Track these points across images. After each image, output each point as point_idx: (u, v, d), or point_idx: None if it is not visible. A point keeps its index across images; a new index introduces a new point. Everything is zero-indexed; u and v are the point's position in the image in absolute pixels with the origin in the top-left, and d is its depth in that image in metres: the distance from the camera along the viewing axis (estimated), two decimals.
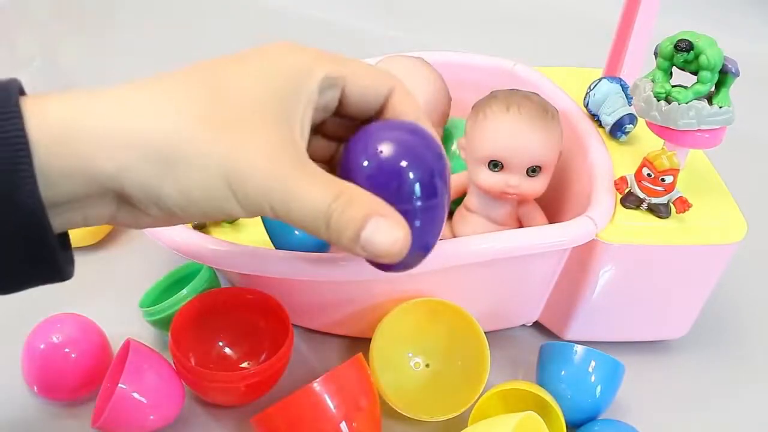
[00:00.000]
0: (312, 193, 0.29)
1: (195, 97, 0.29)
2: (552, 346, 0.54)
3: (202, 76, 0.30)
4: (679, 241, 0.52)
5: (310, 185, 0.29)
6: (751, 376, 0.61)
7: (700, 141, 0.52)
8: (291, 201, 0.29)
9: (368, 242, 0.30)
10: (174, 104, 0.28)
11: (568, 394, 0.52)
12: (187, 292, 0.54)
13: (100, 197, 0.29)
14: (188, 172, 0.28)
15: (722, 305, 0.66)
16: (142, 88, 0.29)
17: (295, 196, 0.29)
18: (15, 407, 0.53)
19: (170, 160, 0.28)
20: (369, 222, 0.29)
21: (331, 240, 0.30)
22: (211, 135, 0.28)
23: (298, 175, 0.29)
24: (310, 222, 0.29)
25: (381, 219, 0.30)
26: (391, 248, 0.30)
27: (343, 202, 0.29)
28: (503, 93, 0.55)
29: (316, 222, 0.29)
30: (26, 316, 0.54)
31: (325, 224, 0.29)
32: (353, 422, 0.45)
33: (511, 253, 0.51)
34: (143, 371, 0.48)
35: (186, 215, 0.30)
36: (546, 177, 0.55)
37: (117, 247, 0.68)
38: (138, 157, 0.27)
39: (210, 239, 0.49)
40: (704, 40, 0.49)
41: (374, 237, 0.30)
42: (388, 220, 0.30)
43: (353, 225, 0.29)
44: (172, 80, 0.29)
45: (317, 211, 0.29)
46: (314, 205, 0.29)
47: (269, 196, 0.29)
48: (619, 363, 0.53)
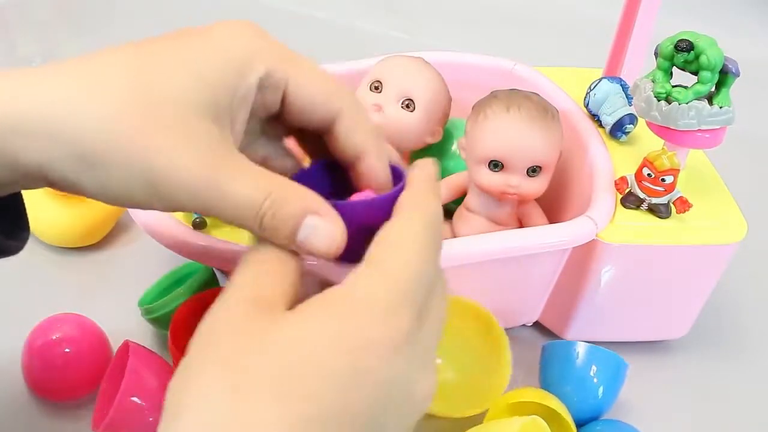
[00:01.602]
0: (241, 194, 0.28)
1: (120, 89, 0.27)
2: (555, 345, 0.54)
3: (133, 62, 0.28)
4: (679, 241, 0.52)
5: (240, 185, 0.28)
6: (751, 376, 0.61)
7: (700, 141, 0.52)
8: (220, 202, 0.28)
9: (304, 244, 0.29)
10: (99, 97, 0.27)
11: (572, 394, 0.52)
12: (185, 289, 0.54)
13: (30, 180, 0.28)
14: (109, 173, 0.27)
15: (722, 305, 0.66)
16: (70, 75, 0.28)
17: (223, 197, 0.27)
18: (15, 407, 0.53)
19: (91, 160, 0.27)
20: (304, 223, 0.28)
21: (266, 237, 0.29)
22: (133, 134, 0.27)
23: (226, 175, 0.28)
24: (242, 222, 0.28)
25: (316, 218, 0.28)
26: (329, 249, 0.29)
27: (274, 201, 0.28)
28: (503, 93, 0.55)
29: (247, 223, 0.28)
30: (26, 316, 0.54)
31: (258, 226, 0.28)
32: None
33: (512, 253, 0.51)
34: (143, 374, 0.48)
35: (113, 203, 0.29)
36: (546, 177, 0.55)
37: (117, 247, 0.67)
38: (60, 155, 0.27)
39: (210, 239, 0.49)
40: (704, 40, 0.49)
41: (310, 240, 0.29)
42: (323, 218, 0.29)
43: (287, 226, 0.28)
44: (101, 65, 0.28)
45: (248, 211, 0.28)
46: (245, 205, 0.28)
47: (196, 198, 0.27)
48: (622, 361, 0.53)
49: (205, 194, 0.27)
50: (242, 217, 0.28)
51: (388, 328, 0.26)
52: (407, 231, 0.28)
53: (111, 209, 0.66)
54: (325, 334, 0.25)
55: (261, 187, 0.28)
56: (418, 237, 0.28)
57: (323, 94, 0.31)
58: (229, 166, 0.28)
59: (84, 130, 0.26)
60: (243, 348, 0.25)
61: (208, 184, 0.27)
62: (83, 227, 0.64)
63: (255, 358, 0.24)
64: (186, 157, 0.27)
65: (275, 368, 0.24)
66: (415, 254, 0.28)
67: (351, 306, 0.26)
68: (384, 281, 0.27)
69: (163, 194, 0.27)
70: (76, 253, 0.66)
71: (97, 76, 0.27)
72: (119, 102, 0.27)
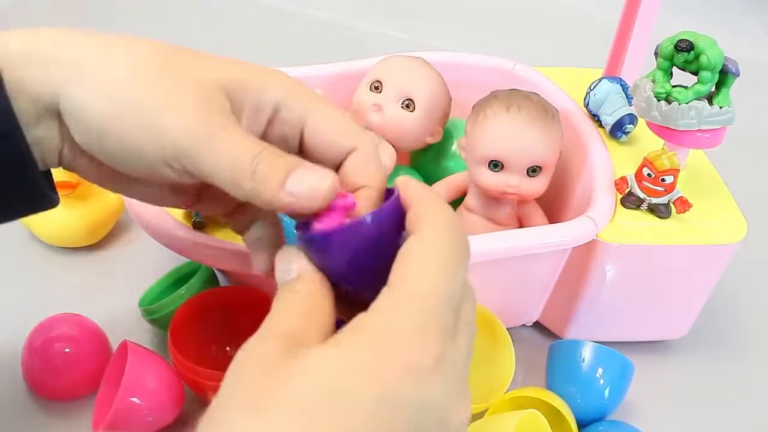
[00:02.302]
0: (236, 145, 0.29)
1: (145, 55, 0.30)
2: (562, 345, 0.54)
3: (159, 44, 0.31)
4: (679, 241, 0.52)
5: (236, 139, 0.29)
6: (751, 376, 0.61)
7: (700, 141, 0.52)
8: (215, 153, 0.29)
9: (294, 185, 0.29)
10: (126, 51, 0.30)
11: (578, 394, 0.52)
12: (185, 290, 0.54)
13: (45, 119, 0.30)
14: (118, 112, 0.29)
15: (722, 305, 0.66)
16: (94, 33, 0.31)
17: (219, 148, 0.29)
18: (15, 407, 0.53)
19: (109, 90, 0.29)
20: (295, 170, 0.29)
21: (253, 192, 0.29)
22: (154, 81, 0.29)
23: (225, 130, 0.29)
24: (234, 172, 0.29)
25: (307, 167, 0.29)
26: (317, 191, 0.29)
27: (268, 152, 0.29)
28: (503, 93, 0.55)
29: (241, 173, 0.29)
30: (26, 316, 0.54)
31: (251, 174, 0.29)
32: None
33: (511, 253, 0.51)
34: (143, 375, 0.48)
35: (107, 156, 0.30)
36: (546, 177, 0.55)
37: (117, 247, 0.67)
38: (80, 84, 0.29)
39: (210, 239, 0.49)
40: (704, 41, 0.49)
41: (301, 180, 0.29)
42: (314, 168, 0.29)
43: (279, 172, 0.29)
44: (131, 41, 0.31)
45: (242, 161, 0.29)
46: (239, 155, 0.29)
47: (194, 156, 0.29)
48: (629, 362, 0.53)
49: (201, 143, 0.29)
50: (235, 168, 0.29)
51: (416, 353, 0.25)
52: (429, 248, 0.27)
53: (111, 209, 0.66)
54: (352, 363, 0.24)
55: (255, 142, 0.29)
56: (440, 253, 0.27)
57: (341, 134, 0.32)
58: (228, 124, 0.30)
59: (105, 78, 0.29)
60: (271, 387, 0.24)
61: (206, 136, 0.29)
62: (83, 227, 0.64)
63: (282, 393, 0.24)
64: (190, 111, 0.29)
65: (303, 402, 0.23)
66: (439, 272, 0.27)
67: (377, 333, 0.25)
68: (409, 304, 0.26)
69: (166, 142, 0.29)
70: (76, 253, 0.66)
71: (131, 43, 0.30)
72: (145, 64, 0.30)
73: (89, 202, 0.64)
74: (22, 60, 0.29)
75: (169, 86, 0.29)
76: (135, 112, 0.29)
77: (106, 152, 0.30)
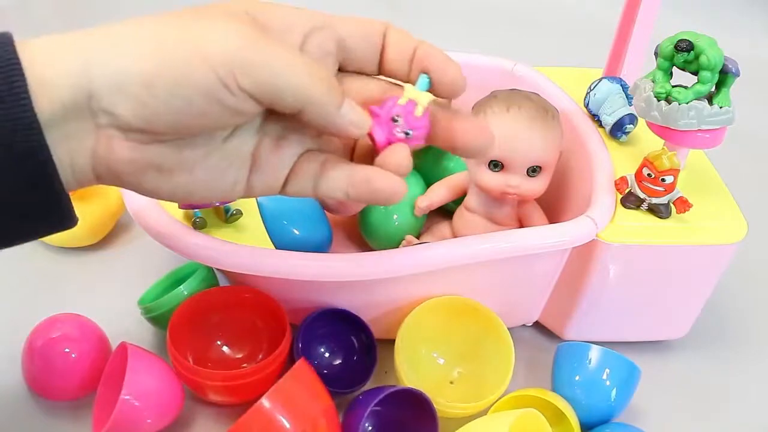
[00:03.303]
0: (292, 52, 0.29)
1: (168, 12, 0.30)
2: (569, 347, 0.54)
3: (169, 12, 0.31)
4: (679, 241, 0.52)
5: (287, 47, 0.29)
6: (751, 376, 0.61)
7: (700, 141, 0.52)
8: (272, 57, 0.28)
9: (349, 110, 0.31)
10: (147, 17, 0.29)
11: (583, 396, 0.52)
12: (185, 289, 0.54)
13: (79, 114, 0.28)
14: (157, 47, 0.28)
15: (722, 305, 0.66)
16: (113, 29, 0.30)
17: (275, 53, 0.28)
18: (15, 407, 0.53)
19: (139, 42, 0.28)
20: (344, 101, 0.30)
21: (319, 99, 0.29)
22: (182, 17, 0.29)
23: (271, 42, 0.29)
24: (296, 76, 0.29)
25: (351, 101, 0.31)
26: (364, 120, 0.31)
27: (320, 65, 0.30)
28: (503, 93, 0.55)
29: (303, 76, 0.29)
30: (26, 316, 0.54)
31: (314, 81, 0.29)
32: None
33: (511, 253, 0.51)
34: (142, 375, 0.48)
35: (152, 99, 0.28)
36: (546, 177, 0.55)
37: (117, 247, 0.67)
38: (108, 48, 0.28)
39: (210, 239, 0.49)
40: (704, 40, 0.49)
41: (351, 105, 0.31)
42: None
43: (337, 88, 0.30)
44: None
45: (302, 66, 0.29)
46: (297, 61, 0.29)
47: (248, 56, 0.28)
48: (635, 366, 0.53)
49: (254, 58, 0.28)
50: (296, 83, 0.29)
51: None
52: None
53: (111, 209, 0.66)
54: None
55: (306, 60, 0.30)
56: None
57: (367, 24, 0.33)
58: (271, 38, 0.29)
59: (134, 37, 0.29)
60: None
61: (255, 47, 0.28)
62: (83, 227, 0.64)
63: None
64: (230, 25, 0.28)
65: None
66: None
67: None
68: None
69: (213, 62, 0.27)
70: (76, 253, 0.66)
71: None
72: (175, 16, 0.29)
73: (89, 202, 0.64)
74: (43, 52, 0.28)
75: (202, 17, 0.29)
76: (177, 46, 0.28)
77: (157, 108, 0.28)
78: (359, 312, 0.54)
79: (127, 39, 0.28)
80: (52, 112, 0.27)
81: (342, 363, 0.56)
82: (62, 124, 0.28)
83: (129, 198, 0.51)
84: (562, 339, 0.60)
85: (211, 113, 0.29)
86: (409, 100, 0.32)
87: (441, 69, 0.33)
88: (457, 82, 0.33)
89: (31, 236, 0.32)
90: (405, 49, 0.33)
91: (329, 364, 0.56)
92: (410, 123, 0.32)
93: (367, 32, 0.33)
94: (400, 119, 0.32)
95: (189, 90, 0.28)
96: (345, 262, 0.49)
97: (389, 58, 0.33)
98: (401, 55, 0.33)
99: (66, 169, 0.29)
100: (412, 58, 0.33)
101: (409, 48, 0.33)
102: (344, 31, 0.33)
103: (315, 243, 0.61)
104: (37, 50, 0.27)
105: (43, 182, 0.28)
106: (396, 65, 0.33)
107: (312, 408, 0.46)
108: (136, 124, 0.28)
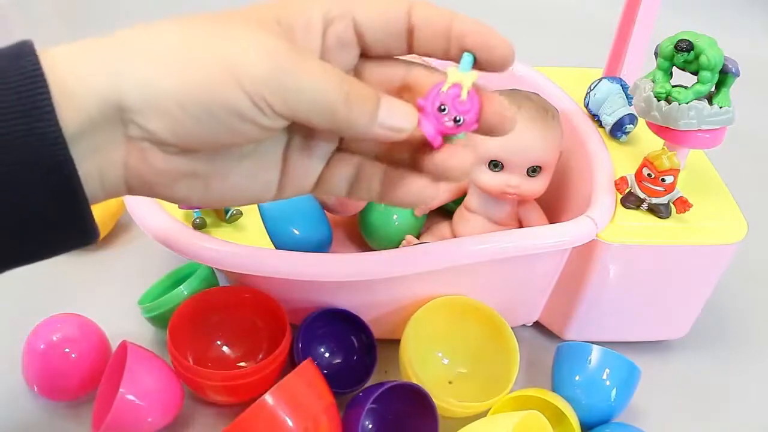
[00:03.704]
0: (322, 76, 0.28)
1: (194, 17, 0.29)
2: (569, 347, 0.54)
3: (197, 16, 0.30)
4: (679, 241, 0.52)
5: (319, 68, 0.28)
6: (751, 376, 0.61)
7: (700, 141, 0.52)
8: (300, 84, 0.28)
9: (386, 119, 0.29)
10: (173, 23, 0.29)
11: (583, 396, 0.52)
12: (185, 289, 0.54)
13: (107, 125, 0.28)
14: (188, 64, 0.27)
15: (722, 305, 0.66)
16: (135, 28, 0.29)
17: (303, 79, 0.28)
18: (15, 407, 0.53)
19: (168, 56, 0.27)
20: (381, 101, 0.29)
21: (347, 120, 0.29)
22: (208, 29, 0.28)
23: (302, 60, 0.28)
24: (325, 105, 0.28)
25: (389, 98, 0.30)
26: (410, 123, 0.30)
27: (355, 85, 0.29)
28: (503, 93, 0.55)
29: (332, 104, 0.28)
30: (26, 316, 0.54)
31: (343, 103, 0.28)
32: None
33: (511, 253, 0.51)
34: (142, 375, 0.48)
35: (187, 117, 0.28)
36: (546, 177, 0.55)
37: (117, 247, 0.67)
38: (137, 61, 0.27)
39: (210, 239, 0.49)
40: (704, 40, 0.49)
41: (391, 114, 0.30)
42: (395, 100, 0.30)
43: (370, 105, 0.29)
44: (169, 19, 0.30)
45: (333, 90, 0.28)
46: (328, 86, 0.28)
47: (277, 82, 0.27)
48: (635, 367, 0.53)
49: (286, 79, 0.27)
50: (324, 103, 0.28)
51: None
52: None
53: (111, 209, 0.66)
54: None
55: (339, 76, 0.29)
56: None
57: (389, 11, 0.31)
58: (302, 54, 0.28)
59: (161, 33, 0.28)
60: None
61: (292, 65, 0.28)
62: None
63: None
64: (263, 42, 0.28)
65: None
66: None
67: None
68: None
69: (246, 80, 0.27)
70: (76, 253, 0.66)
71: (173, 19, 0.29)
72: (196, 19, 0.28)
73: None
74: (67, 63, 0.27)
75: (232, 28, 0.28)
76: (209, 63, 0.27)
77: (192, 126, 0.28)
78: (359, 312, 0.54)
79: (157, 51, 0.28)
80: (79, 125, 0.27)
81: (342, 363, 0.56)
82: (90, 138, 0.27)
83: (129, 198, 0.51)
84: (562, 339, 0.60)
85: (244, 131, 0.29)
86: (453, 84, 0.30)
87: (487, 47, 0.31)
88: (507, 57, 0.32)
89: (50, 253, 0.31)
90: (437, 28, 0.31)
91: (329, 364, 0.56)
92: (458, 108, 0.30)
93: (389, 17, 0.31)
94: (446, 107, 0.30)
95: (222, 111, 0.28)
96: (345, 262, 0.49)
97: (421, 41, 0.31)
98: (434, 34, 0.31)
99: (95, 182, 0.29)
100: (448, 34, 0.31)
101: (442, 25, 0.31)
102: (363, 17, 0.31)
103: (315, 243, 0.61)
104: (60, 60, 0.27)
105: (67, 197, 0.28)
106: (431, 46, 0.32)
107: (314, 406, 0.46)
108: (170, 140, 0.28)
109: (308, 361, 0.48)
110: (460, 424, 0.48)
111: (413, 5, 0.31)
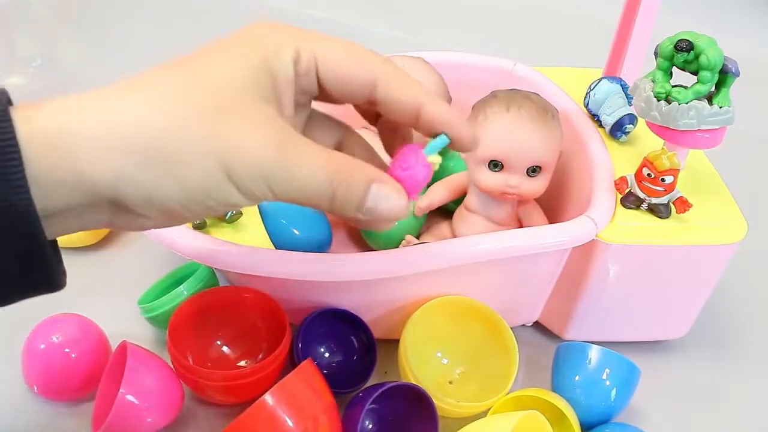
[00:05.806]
0: (311, 170, 0.29)
1: (181, 90, 0.29)
2: (569, 347, 0.54)
3: (183, 68, 0.30)
4: (679, 241, 0.52)
5: (308, 161, 0.29)
6: (751, 376, 0.61)
7: (700, 141, 0.52)
8: (290, 180, 0.29)
9: (372, 210, 0.31)
10: (161, 100, 0.28)
11: (583, 396, 0.52)
12: (185, 289, 0.54)
13: (96, 206, 0.28)
14: (185, 166, 0.28)
15: (722, 305, 0.66)
16: (129, 88, 0.28)
17: (293, 175, 0.29)
18: (15, 407, 0.53)
19: (165, 158, 0.27)
20: (370, 191, 0.31)
21: (333, 211, 0.31)
22: (201, 124, 0.28)
23: (293, 153, 0.29)
24: (313, 198, 0.30)
25: (380, 185, 0.31)
26: (396, 212, 0.32)
27: (342, 177, 0.30)
28: (503, 93, 0.55)
29: (319, 198, 0.30)
30: (26, 316, 0.54)
31: (329, 199, 0.30)
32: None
33: (511, 253, 0.51)
34: (142, 375, 0.48)
35: (186, 212, 0.29)
36: (546, 177, 0.55)
37: (117, 247, 0.68)
38: (134, 162, 0.27)
39: (210, 239, 0.49)
40: (704, 40, 0.49)
41: (378, 206, 0.31)
42: (386, 184, 0.31)
43: (356, 197, 0.31)
44: (156, 75, 0.29)
45: (320, 186, 0.30)
46: (316, 181, 0.30)
47: (267, 178, 0.29)
48: (635, 367, 0.53)
49: (277, 175, 0.29)
50: (313, 194, 0.30)
51: None
52: None
53: None
54: None
55: (328, 163, 0.30)
56: None
57: (353, 64, 0.32)
58: (293, 145, 0.30)
59: (156, 129, 0.27)
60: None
61: (279, 165, 0.29)
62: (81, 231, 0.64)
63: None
64: (254, 140, 0.28)
65: None
66: None
67: None
68: None
69: (237, 179, 0.28)
70: (76, 253, 0.66)
71: (160, 81, 0.29)
72: (185, 100, 0.28)
73: None
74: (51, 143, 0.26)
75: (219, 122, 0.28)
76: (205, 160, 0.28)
77: (187, 216, 0.30)
78: (359, 312, 0.54)
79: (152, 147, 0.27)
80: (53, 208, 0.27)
81: (342, 363, 0.56)
82: (63, 213, 0.28)
83: None
84: (562, 339, 0.60)
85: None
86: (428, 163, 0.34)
87: (458, 137, 0.34)
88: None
89: (15, 299, 0.33)
90: (405, 108, 0.33)
91: (329, 364, 0.56)
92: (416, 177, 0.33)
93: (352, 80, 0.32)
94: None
95: (217, 205, 0.29)
96: (345, 262, 0.49)
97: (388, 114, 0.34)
98: (402, 112, 0.33)
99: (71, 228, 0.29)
100: (416, 114, 0.33)
101: (411, 107, 0.33)
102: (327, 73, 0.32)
103: (315, 243, 0.61)
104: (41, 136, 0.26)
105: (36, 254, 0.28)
106: (397, 120, 0.34)
107: (314, 406, 0.46)
108: (161, 222, 0.30)
109: (308, 361, 0.48)
110: (460, 424, 0.48)
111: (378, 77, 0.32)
